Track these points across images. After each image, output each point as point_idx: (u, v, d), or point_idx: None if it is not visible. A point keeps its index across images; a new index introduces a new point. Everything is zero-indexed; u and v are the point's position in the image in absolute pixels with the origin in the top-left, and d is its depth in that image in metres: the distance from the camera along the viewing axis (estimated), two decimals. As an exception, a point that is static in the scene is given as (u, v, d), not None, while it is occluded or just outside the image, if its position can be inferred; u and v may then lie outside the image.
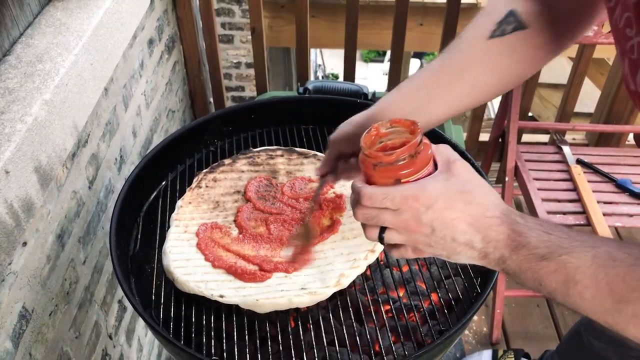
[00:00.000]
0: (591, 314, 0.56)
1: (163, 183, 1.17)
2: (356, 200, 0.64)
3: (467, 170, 0.63)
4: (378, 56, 10.03)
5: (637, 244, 0.56)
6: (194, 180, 1.12)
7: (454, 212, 0.60)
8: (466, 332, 1.85)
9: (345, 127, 0.86)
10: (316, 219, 1.01)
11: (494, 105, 5.41)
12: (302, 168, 1.15)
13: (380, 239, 0.65)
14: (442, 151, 0.65)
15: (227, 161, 1.16)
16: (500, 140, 2.00)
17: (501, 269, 0.61)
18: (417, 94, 0.83)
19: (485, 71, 0.81)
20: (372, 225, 0.65)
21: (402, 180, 0.62)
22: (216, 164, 1.16)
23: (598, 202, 1.62)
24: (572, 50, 2.17)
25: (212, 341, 0.87)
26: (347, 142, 0.85)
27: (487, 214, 0.60)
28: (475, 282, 0.97)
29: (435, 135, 1.20)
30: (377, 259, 0.98)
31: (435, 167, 0.64)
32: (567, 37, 0.81)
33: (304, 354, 0.85)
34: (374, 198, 0.62)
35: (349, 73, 2.12)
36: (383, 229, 0.64)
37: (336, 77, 8.97)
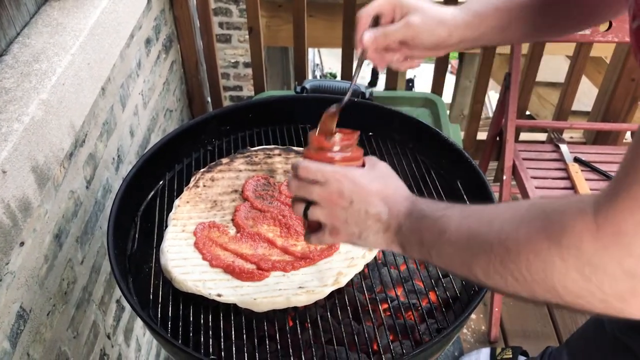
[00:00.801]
0: (455, 263, 0.62)
1: (160, 182, 1.17)
2: (293, 173, 0.73)
3: (387, 168, 0.75)
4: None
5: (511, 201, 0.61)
6: (192, 179, 1.12)
7: (372, 190, 0.70)
8: (464, 330, 1.85)
9: (431, 27, 0.81)
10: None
11: (492, 103, 5.42)
12: (299, 167, 1.15)
13: (305, 214, 0.73)
14: (371, 157, 0.77)
15: (224, 160, 1.16)
16: (498, 138, 2.00)
17: (398, 241, 0.69)
18: (501, 18, 0.83)
19: None
20: (299, 201, 0.74)
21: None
22: (214, 163, 1.16)
23: (595, 200, 1.62)
24: (570, 48, 2.17)
25: (210, 340, 0.87)
26: (424, 36, 0.81)
27: (396, 193, 0.71)
28: (473, 280, 0.97)
29: (434, 135, 1.20)
30: (375, 257, 0.98)
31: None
32: None
33: (302, 352, 0.85)
34: (309, 169, 0.71)
35: (347, 72, 2.12)
36: (308, 207, 0.73)
37: (334, 76, 8.96)
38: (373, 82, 0.94)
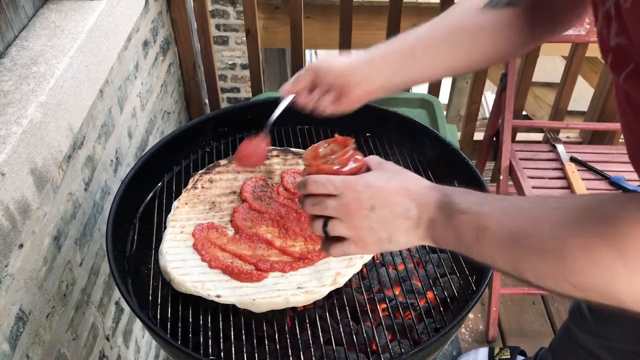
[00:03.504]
0: (499, 262, 0.60)
1: (159, 184, 1.17)
2: (302, 190, 0.70)
3: (396, 166, 0.71)
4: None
5: (545, 197, 0.60)
6: (190, 181, 1.12)
7: (390, 188, 0.66)
8: (462, 330, 1.86)
9: (344, 64, 0.89)
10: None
11: (489, 104, 5.44)
12: (297, 168, 1.15)
13: (325, 232, 0.69)
14: (373, 158, 0.73)
15: (222, 162, 1.17)
16: (494, 139, 2.01)
17: (431, 236, 0.65)
18: (403, 56, 0.87)
19: (477, 39, 0.83)
20: (317, 218, 0.70)
21: None
22: (212, 164, 1.16)
23: (592, 199, 1.63)
24: (565, 48, 2.18)
25: (210, 341, 0.87)
26: (341, 76, 0.89)
27: (418, 185, 0.67)
28: (471, 279, 0.97)
29: (431, 135, 1.21)
30: (373, 257, 0.99)
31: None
32: (558, 23, 0.83)
33: (301, 353, 0.85)
34: (318, 182, 0.68)
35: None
36: (326, 223, 0.69)
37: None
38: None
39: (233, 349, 0.86)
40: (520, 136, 2.31)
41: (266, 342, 0.87)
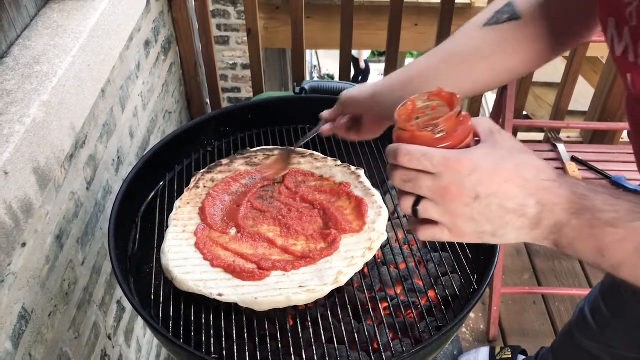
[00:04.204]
0: None
1: (161, 183, 1.17)
2: (393, 159, 0.57)
3: (512, 139, 0.58)
4: (374, 56, 10.09)
5: None
6: (192, 180, 1.12)
7: (502, 175, 0.53)
8: (463, 329, 1.86)
9: (356, 93, 0.93)
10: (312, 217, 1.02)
11: (489, 104, 5.44)
12: (299, 167, 1.16)
13: (414, 211, 0.57)
14: (483, 123, 0.59)
15: (224, 161, 1.17)
16: (495, 138, 2.01)
17: (553, 239, 0.54)
18: (404, 86, 0.87)
19: (477, 59, 0.82)
20: (407, 194, 0.58)
21: None
22: (214, 164, 1.16)
23: (593, 199, 1.63)
24: (566, 49, 2.18)
25: (212, 340, 0.87)
26: (355, 105, 0.93)
27: (541, 177, 0.54)
28: (472, 278, 0.97)
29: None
30: (375, 256, 0.99)
31: (476, 142, 0.59)
32: (564, 37, 0.81)
33: (303, 351, 0.86)
34: (411, 154, 0.55)
35: (345, 73, 2.13)
36: (418, 201, 0.57)
37: (332, 77, 9.00)
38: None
39: (235, 347, 0.86)
40: (520, 136, 2.31)
41: (268, 340, 0.87)
